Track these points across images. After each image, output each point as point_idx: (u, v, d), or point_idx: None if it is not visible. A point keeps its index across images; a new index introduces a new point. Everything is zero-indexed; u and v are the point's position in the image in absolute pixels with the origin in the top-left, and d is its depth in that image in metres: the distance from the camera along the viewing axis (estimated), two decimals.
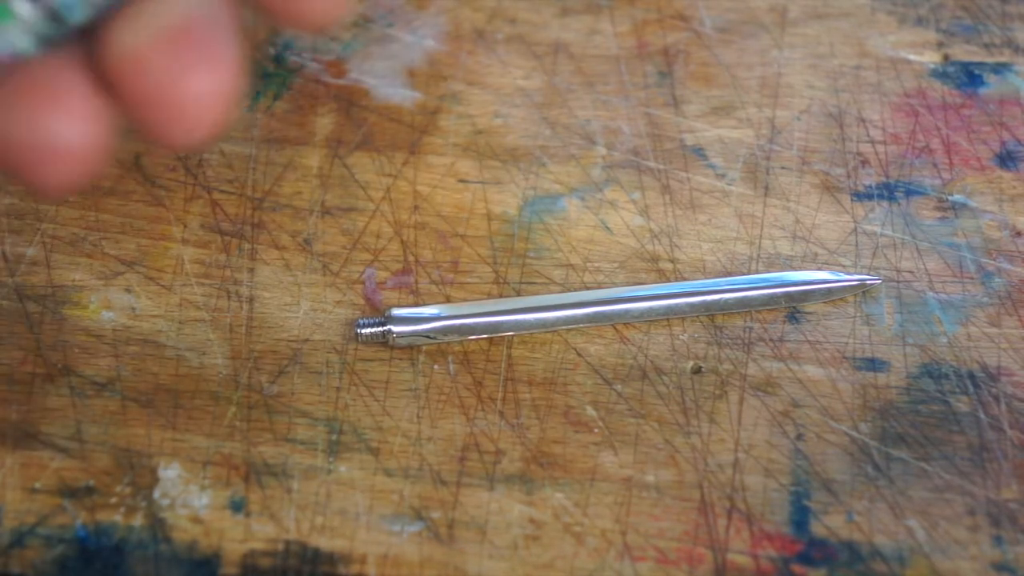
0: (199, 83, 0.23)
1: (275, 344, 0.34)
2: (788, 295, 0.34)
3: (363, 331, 0.33)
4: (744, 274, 0.35)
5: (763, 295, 0.34)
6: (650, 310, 0.33)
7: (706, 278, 0.35)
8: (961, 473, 0.31)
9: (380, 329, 0.33)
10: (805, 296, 0.34)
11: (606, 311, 0.33)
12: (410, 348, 0.33)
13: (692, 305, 0.34)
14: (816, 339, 0.34)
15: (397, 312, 0.33)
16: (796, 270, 0.35)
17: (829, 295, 0.34)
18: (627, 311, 0.33)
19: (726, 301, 0.34)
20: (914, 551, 0.30)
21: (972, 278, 0.35)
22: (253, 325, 0.34)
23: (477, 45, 0.39)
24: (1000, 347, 0.33)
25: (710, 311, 0.34)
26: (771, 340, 0.34)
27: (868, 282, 0.34)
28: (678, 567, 0.30)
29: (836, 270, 0.35)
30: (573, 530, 0.31)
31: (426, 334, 0.33)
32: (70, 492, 0.31)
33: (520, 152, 0.37)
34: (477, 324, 0.33)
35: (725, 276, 0.34)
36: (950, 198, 0.36)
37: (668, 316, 0.34)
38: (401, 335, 0.33)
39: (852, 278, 0.34)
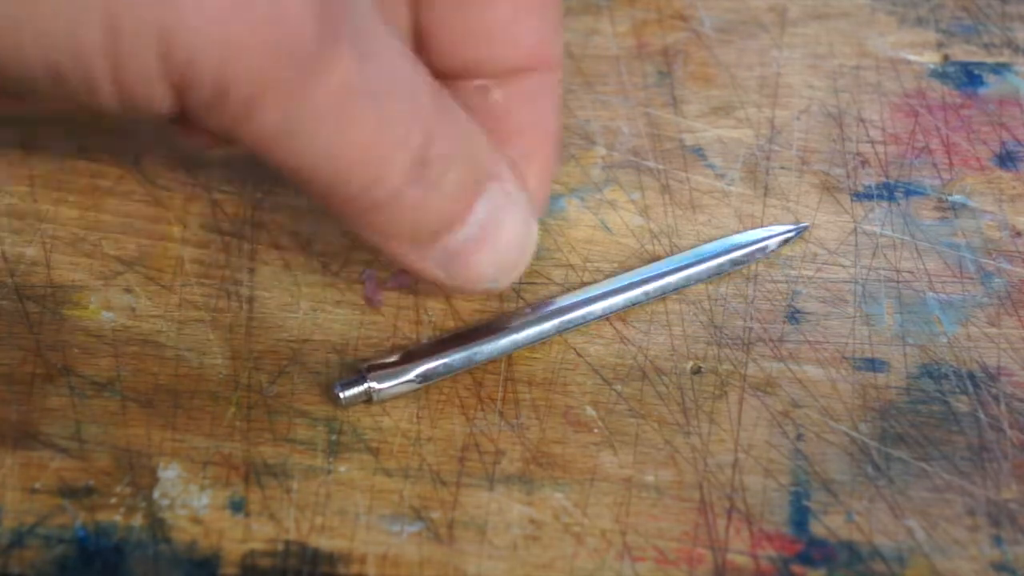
0: None
1: (275, 344, 0.34)
2: (732, 260, 0.34)
3: (343, 394, 0.32)
4: (680, 251, 0.35)
5: (709, 268, 0.34)
6: (610, 307, 0.33)
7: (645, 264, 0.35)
8: (961, 473, 0.31)
9: (361, 388, 0.32)
10: (748, 257, 0.34)
11: (570, 318, 0.33)
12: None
13: (647, 293, 0.34)
14: (816, 339, 0.34)
15: (377, 374, 0.32)
16: (737, 233, 0.35)
17: (766, 251, 0.35)
18: (589, 313, 0.33)
19: (673, 283, 0.34)
20: (914, 551, 0.30)
21: (972, 278, 0.35)
22: (253, 325, 0.34)
23: None
24: (1000, 347, 0.33)
25: (665, 293, 0.34)
26: (771, 340, 0.34)
27: (798, 228, 0.35)
28: (678, 567, 0.30)
29: (771, 226, 0.35)
30: (573, 530, 0.31)
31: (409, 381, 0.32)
32: (70, 492, 0.31)
33: None
34: (454, 361, 0.32)
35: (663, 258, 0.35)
36: (950, 198, 0.36)
37: (627, 308, 0.34)
38: (385, 390, 0.32)
39: (784, 228, 0.35)
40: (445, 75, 0.31)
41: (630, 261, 0.35)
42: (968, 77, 0.39)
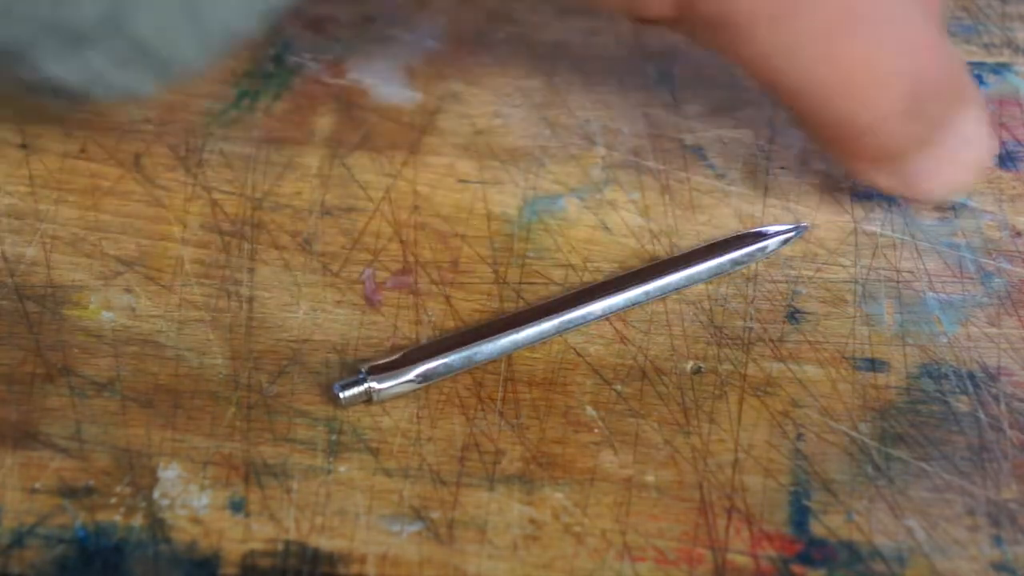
0: None
1: (275, 344, 0.34)
2: (732, 260, 0.34)
3: (343, 394, 0.32)
4: (680, 251, 0.35)
5: (710, 268, 0.34)
6: (610, 307, 0.33)
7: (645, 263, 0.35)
8: (961, 473, 0.31)
9: (361, 388, 0.32)
10: (748, 257, 0.34)
11: (570, 318, 0.33)
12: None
13: (647, 293, 0.34)
14: (816, 339, 0.34)
15: (377, 372, 0.32)
16: (735, 232, 0.35)
17: (766, 251, 0.35)
18: (589, 313, 0.33)
19: (673, 283, 0.34)
20: (914, 551, 0.30)
21: (972, 278, 0.35)
22: (253, 325, 0.34)
23: (477, 45, 0.39)
24: (1000, 347, 0.33)
25: (664, 293, 0.34)
26: (771, 340, 0.34)
27: (798, 228, 0.35)
28: (678, 567, 0.30)
29: (768, 226, 0.35)
30: (573, 530, 0.31)
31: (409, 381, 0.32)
32: (70, 492, 0.31)
33: (520, 152, 0.37)
34: (454, 361, 0.32)
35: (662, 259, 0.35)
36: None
37: (627, 308, 0.34)
38: (385, 390, 0.32)
39: (784, 228, 0.35)
40: None
41: (630, 261, 0.35)
42: None
